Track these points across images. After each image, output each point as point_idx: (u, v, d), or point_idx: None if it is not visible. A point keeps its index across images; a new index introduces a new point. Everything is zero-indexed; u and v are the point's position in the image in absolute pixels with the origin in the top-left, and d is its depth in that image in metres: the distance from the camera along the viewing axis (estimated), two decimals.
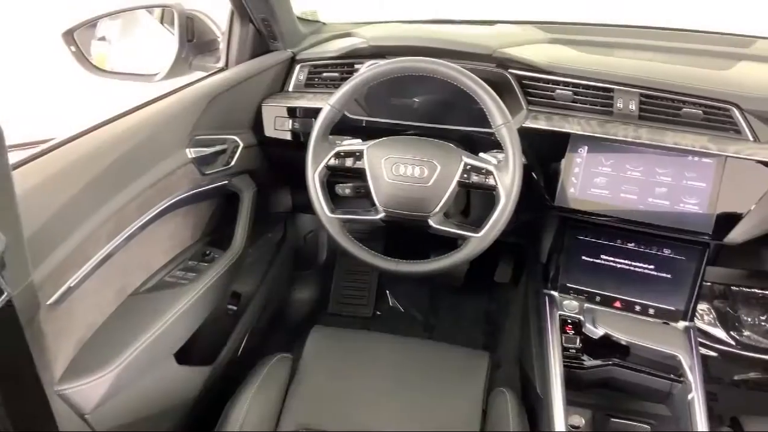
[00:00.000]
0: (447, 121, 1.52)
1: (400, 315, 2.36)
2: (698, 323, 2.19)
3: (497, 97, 1.26)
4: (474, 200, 1.62)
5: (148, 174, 1.29)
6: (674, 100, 1.38)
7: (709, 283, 2.18)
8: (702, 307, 2.22)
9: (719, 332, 2.19)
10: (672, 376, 1.33)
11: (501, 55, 1.45)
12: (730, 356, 2.15)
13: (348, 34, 1.73)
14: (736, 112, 1.33)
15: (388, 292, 2.39)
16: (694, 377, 1.27)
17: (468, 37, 1.54)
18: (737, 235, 1.31)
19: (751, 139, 1.32)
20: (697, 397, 1.26)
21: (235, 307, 1.71)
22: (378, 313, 2.35)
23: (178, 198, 1.38)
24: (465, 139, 1.48)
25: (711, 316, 2.20)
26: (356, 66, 1.59)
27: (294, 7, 1.70)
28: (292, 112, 1.59)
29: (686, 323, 1.42)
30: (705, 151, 1.31)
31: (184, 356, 1.40)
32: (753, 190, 1.29)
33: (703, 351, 2.15)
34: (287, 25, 1.63)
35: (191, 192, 1.42)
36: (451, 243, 1.35)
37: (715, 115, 1.35)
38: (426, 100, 1.55)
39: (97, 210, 1.17)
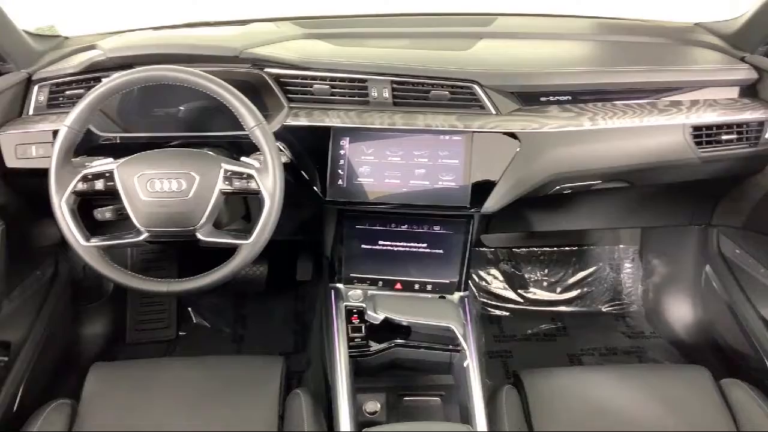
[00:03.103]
0: (212, 127, 1.46)
1: (207, 331, 2.27)
2: (491, 287, 2.35)
3: (245, 99, 1.23)
4: (254, 204, 1.59)
5: None
6: (423, 84, 1.43)
7: (492, 249, 2.34)
8: (492, 272, 2.38)
9: (509, 293, 2.37)
10: (450, 346, 1.39)
11: (249, 55, 1.42)
12: (520, 314, 2.33)
13: (92, 47, 1.61)
14: (478, 89, 1.41)
15: (190, 309, 2.29)
16: (468, 345, 1.34)
17: (212, 40, 1.50)
18: (492, 203, 1.39)
19: (494, 112, 1.41)
20: (472, 363, 1.33)
21: (5, 358, 1.53)
22: (182, 333, 2.25)
23: None
24: (233, 145, 1.44)
25: (500, 279, 2.37)
26: (103, 80, 1.48)
27: (28, 23, 1.55)
28: (34, 137, 1.45)
29: (461, 293, 1.49)
30: (453, 129, 1.38)
31: None
32: (500, 160, 1.38)
33: (498, 312, 2.32)
34: (13, 43, 1.48)
35: None
36: None
37: (460, 94, 1.42)
38: (191, 108, 1.49)
39: None
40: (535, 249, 2.35)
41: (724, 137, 1.46)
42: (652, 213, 1.95)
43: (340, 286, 1.52)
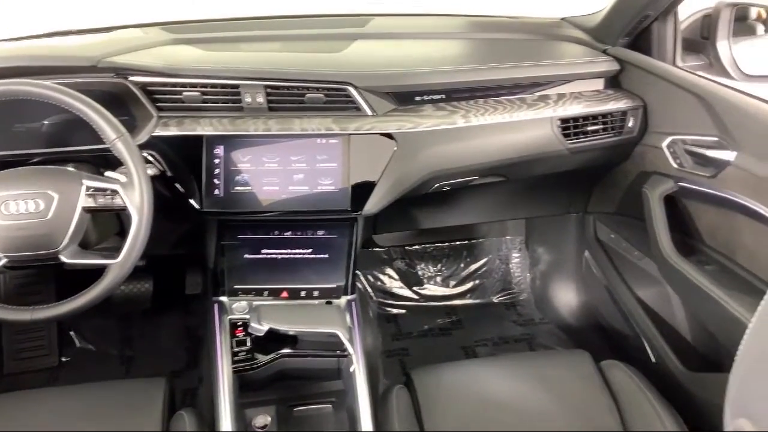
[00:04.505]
0: (77, 141, 1.38)
1: (93, 355, 2.15)
2: (386, 287, 2.36)
3: (103, 111, 1.17)
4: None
5: None
6: (298, 87, 1.40)
7: (386, 248, 2.35)
8: (387, 271, 2.39)
9: (405, 291, 2.38)
10: (338, 352, 1.37)
11: (109, 64, 1.35)
12: (417, 310, 2.35)
13: None
14: (353, 91, 1.40)
15: (72, 333, 2.17)
16: (354, 349, 1.33)
17: (68, 50, 1.42)
18: (372, 205, 1.39)
19: (370, 113, 1.41)
20: (358, 368, 1.32)
21: None
22: (66, 359, 2.12)
23: None
24: (100, 159, 1.37)
25: (395, 278, 2.39)
26: None
27: None
28: None
29: (348, 297, 1.48)
30: (329, 132, 1.37)
31: None
32: (378, 161, 1.38)
33: (394, 311, 2.33)
34: None
35: None
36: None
37: (336, 97, 1.41)
38: (55, 122, 1.40)
39: None
40: (428, 245, 2.38)
41: (590, 128, 1.53)
42: (532, 204, 2.02)
43: (224, 299, 1.47)
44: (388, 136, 1.38)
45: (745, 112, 1.29)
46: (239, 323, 1.41)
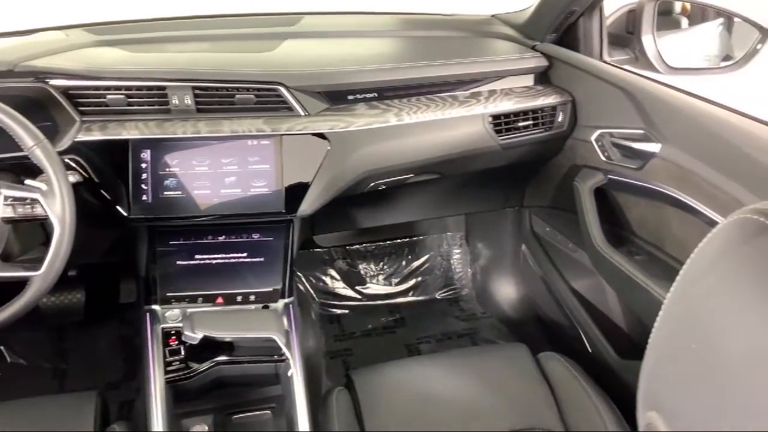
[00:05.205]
0: None
1: (25, 370, 2.07)
2: (329, 287, 2.34)
3: (19, 117, 1.12)
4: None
5: None
6: (227, 88, 1.37)
7: (326, 249, 2.34)
8: (329, 272, 2.38)
9: (347, 291, 2.37)
10: (275, 357, 1.35)
11: (27, 68, 1.30)
12: (360, 310, 2.34)
13: None
14: (284, 91, 1.38)
15: (2, 347, 2.08)
16: (292, 354, 1.31)
17: None
18: (307, 206, 1.37)
19: (302, 114, 1.39)
20: (296, 372, 1.30)
21: None
22: None
23: None
24: (21, 167, 1.31)
25: (337, 278, 2.37)
26: None
27: None
28: None
29: (286, 300, 1.46)
30: (261, 133, 1.34)
31: None
32: (311, 162, 1.37)
33: (338, 311, 2.31)
34: None
35: None
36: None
37: (267, 97, 1.38)
38: None
39: None
40: (369, 244, 2.37)
41: (521, 124, 1.54)
42: (469, 200, 2.04)
43: (156, 307, 1.42)
44: (321, 136, 1.37)
45: (669, 105, 1.33)
46: (172, 332, 1.37)
